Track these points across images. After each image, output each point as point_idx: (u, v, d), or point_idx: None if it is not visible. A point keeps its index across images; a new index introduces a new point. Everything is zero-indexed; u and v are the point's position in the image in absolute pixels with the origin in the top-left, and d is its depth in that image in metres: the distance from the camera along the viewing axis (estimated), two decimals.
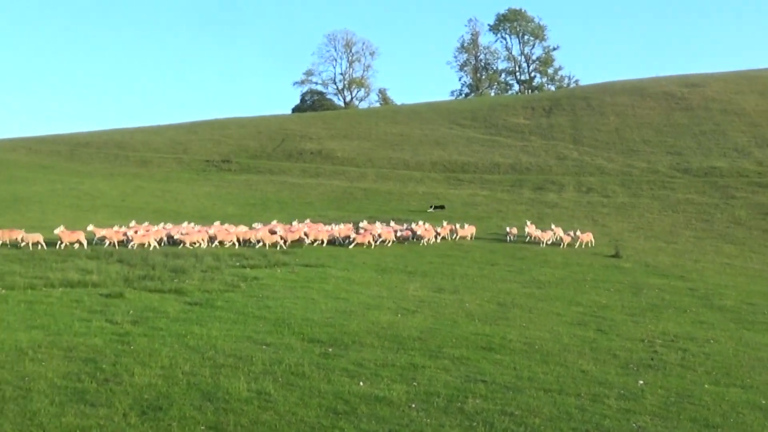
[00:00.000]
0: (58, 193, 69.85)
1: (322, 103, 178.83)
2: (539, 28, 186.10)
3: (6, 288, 27.02)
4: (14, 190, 70.78)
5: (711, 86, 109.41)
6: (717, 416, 16.46)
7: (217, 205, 68.32)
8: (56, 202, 64.19)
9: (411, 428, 14.13)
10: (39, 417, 13.67)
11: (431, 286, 33.43)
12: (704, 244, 56.05)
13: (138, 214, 58.56)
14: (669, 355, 22.69)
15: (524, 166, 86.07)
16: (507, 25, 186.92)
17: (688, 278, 41.70)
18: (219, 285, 29.60)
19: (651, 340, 24.95)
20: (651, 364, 21.26)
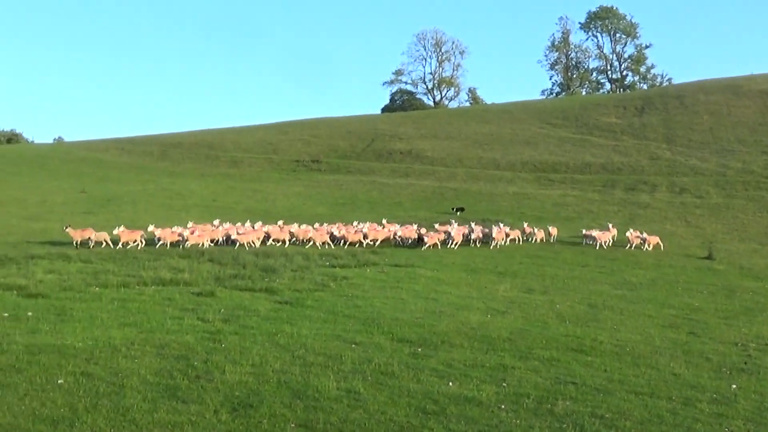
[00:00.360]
0: (150, 193, 70.71)
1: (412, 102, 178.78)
2: (631, 25, 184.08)
3: (100, 286, 27.45)
4: (107, 190, 71.84)
5: None
6: None
7: (307, 205, 68.60)
8: (148, 202, 64.99)
9: (500, 429, 14.08)
10: (132, 413, 13.86)
11: (521, 287, 33.31)
12: None
13: (229, 213, 59.04)
14: (763, 359, 22.25)
15: (616, 166, 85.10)
16: (598, 23, 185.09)
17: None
18: (309, 284, 29.79)
19: (745, 343, 24.46)
20: (744, 368, 20.86)
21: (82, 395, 14.67)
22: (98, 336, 19.62)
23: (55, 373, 16.02)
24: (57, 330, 20.23)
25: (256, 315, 23.51)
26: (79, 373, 16.07)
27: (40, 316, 21.90)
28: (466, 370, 18.23)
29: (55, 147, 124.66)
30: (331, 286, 29.84)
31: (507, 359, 19.71)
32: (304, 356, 18.58)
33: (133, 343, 18.94)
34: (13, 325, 20.71)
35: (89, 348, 18.27)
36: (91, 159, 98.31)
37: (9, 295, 25.04)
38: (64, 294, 25.75)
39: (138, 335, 19.95)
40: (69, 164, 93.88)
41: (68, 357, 17.33)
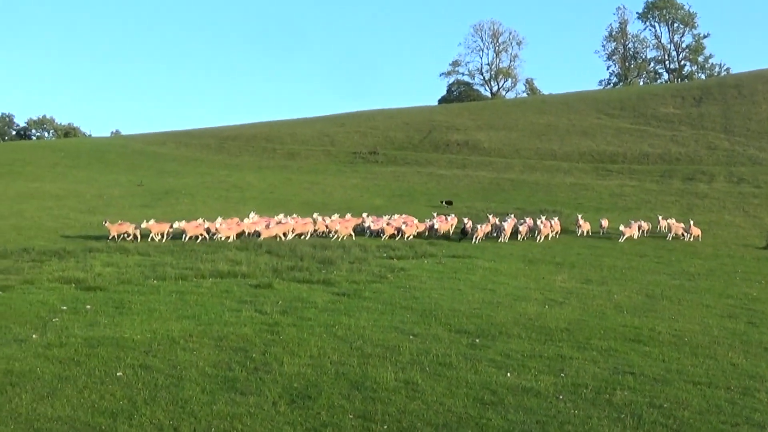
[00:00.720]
0: (208, 186, 71.08)
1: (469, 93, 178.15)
2: (689, 15, 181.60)
3: (158, 279, 27.66)
4: (165, 183, 72.34)
5: None
6: None
7: (364, 197, 68.70)
8: (206, 195, 65.36)
9: (558, 420, 14.04)
10: (190, 404, 13.94)
11: (579, 278, 33.21)
12: None
13: (286, 206, 59.23)
14: None
15: (674, 156, 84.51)
16: (656, 13, 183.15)
17: None
18: (366, 276, 29.85)
19: None
20: None
21: (140, 388, 14.78)
22: (156, 328, 19.76)
23: (113, 365, 16.16)
24: (115, 323, 20.41)
25: (314, 307, 23.59)
26: (138, 366, 16.20)
27: (99, 309, 22.10)
28: (524, 361, 18.19)
29: (112, 140, 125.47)
30: (389, 277, 29.88)
31: (565, 350, 19.66)
32: (362, 348, 18.62)
33: (192, 336, 19.06)
34: (71, 318, 20.91)
35: (148, 341, 18.42)
36: (148, 152, 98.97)
37: (68, 289, 25.30)
38: (123, 287, 25.98)
39: (196, 327, 20.07)
40: (126, 157, 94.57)
41: (127, 350, 17.48)
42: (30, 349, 17.24)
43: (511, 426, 13.59)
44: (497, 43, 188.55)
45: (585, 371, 17.57)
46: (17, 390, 14.37)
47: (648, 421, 14.16)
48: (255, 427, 12.99)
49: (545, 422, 13.86)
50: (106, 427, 12.72)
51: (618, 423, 14.00)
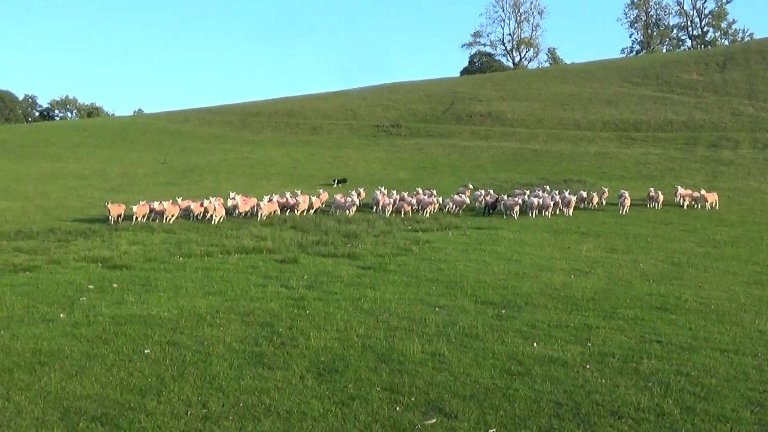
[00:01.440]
0: (231, 162, 71.32)
1: (491, 64, 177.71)
2: None
3: (184, 256, 27.80)
4: (188, 160, 72.64)
5: None
6: None
7: (387, 170, 68.84)
8: (229, 171, 65.60)
9: (586, 389, 14.03)
10: (218, 380, 14.01)
11: (604, 247, 33.19)
12: None
13: (310, 180, 59.60)
14: None
15: (698, 124, 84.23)
16: None
17: None
18: (391, 249, 29.92)
19: None
20: None
21: (168, 364, 14.85)
22: (183, 305, 19.85)
23: (141, 343, 16.24)
24: (142, 300, 20.51)
25: (340, 281, 23.66)
26: (165, 343, 16.28)
27: (126, 287, 22.21)
28: (551, 331, 18.19)
29: (135, 119, 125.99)
30: (414, 250, 29.94)
31: (591, 319, 19.65)
32: (388, 320, 18.65)
33: (218, 312, 19.14)
34: (98, 296, 21.02)
35: (174, 317, 18.49)
36: (171, 130, 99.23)
37: (94, 267, 25.43)
38: (149, 265, 26.11)
39: (222, 303, 20.16)
40: (149, 136, 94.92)
41: (154, 327, 17.56)
42: (58, 329, 17.33)
43: (538, 396, 13.60)
44: (519, 12, 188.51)
45: (612, 340, 17.56)
46: (46, 369, 14.46)
47: (675, 389, 14.14)
48: (283, 401, 13.04)
49: (572, 392, 13.86)
50: (135, 404, 12.80)
51: (645, 391, 13.99)
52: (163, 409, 12.62)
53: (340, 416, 12.52)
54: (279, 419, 12.32)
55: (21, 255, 27.76)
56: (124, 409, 12.61)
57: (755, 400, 13.73)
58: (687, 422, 12.61)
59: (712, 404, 13.45)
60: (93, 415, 12.35)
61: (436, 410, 12.84)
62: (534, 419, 12.58)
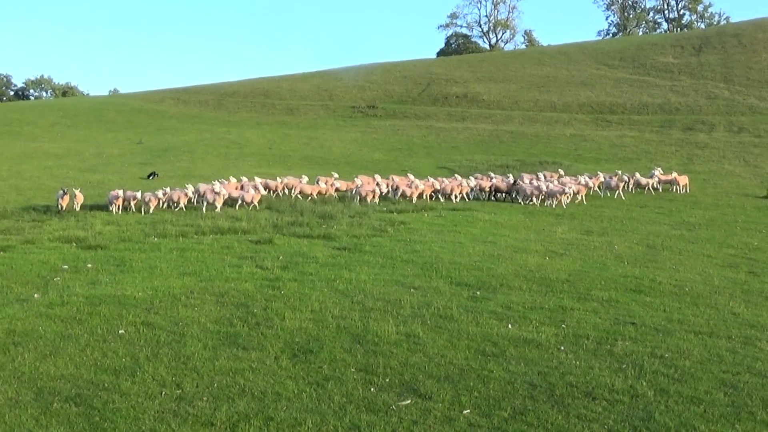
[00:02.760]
0: (207, 143, 71.04)
1: (467, 46, 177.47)
2: None
3: (158, 236, 27.75)
4: (164, 140, 72.37)
5: None
6: None
7: (363, 151, 68.82)
8: (205, 152, 65.36)
9: (560, 370, 14.10)
10: (193, 360, 14.01)
11: (579, 229, 33.36)
12: None
13: (285, 161, 59.51)
14: None
15: (673, 107, 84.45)
16: None
17: None
18: (367, 230, 29.91)
19: None
20: None
21: (143, 345, 14.86)
22: (158, 286, 19.83)
23: (115, 323, 16.24)
24: (117, 281, 20.48)
25: (315, 261, 23.67)
26: (140, 323, 16.28)
27: (100, 268, 22.18)
28: (525, 313, 18.27)
29: (111, 99, 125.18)
30: (389, 231, 29.94)
31: (566, 301, 19.74)
32: (363, 301, 18.69)
33: (193, 292, 19.14)
34: (73, 276, 21.00)
35: (149, 298, 18.48)
36: (146, 110, 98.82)
37: (68, 248, 25.36)
38: (123, 245, 26.06)
39: (197, 284, 20.15)
40: (125, 115, 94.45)
41: (128, 307, 17.54)
42: (32, 309, 17.29)
43: (512, 377, 13.65)
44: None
45: (586, 322, 17.65)
46: (20, 349, 14.44)
47: (649, 370, 14.22)
48: (257, 382, 13.06)
49: (547, 373, 13.93)
50: (109, 385, 12.79)
51: (619, 373, 14.07)
52: (138, 390, 12.63)
53: (315, 397, 12.55)
54: (253, 400, 12.34)
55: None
56: (98, 390, 12.60)
57: (729, 383, 13.83)
58: (661, 404, 12.69)
59: (685, 386, 13.54)
60: (67, 396, 12.34)
61: (410, 391, 12.89)
62: (508, 400, 12.63)
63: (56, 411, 11.80)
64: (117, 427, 11.30)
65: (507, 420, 11.90)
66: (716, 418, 12.23)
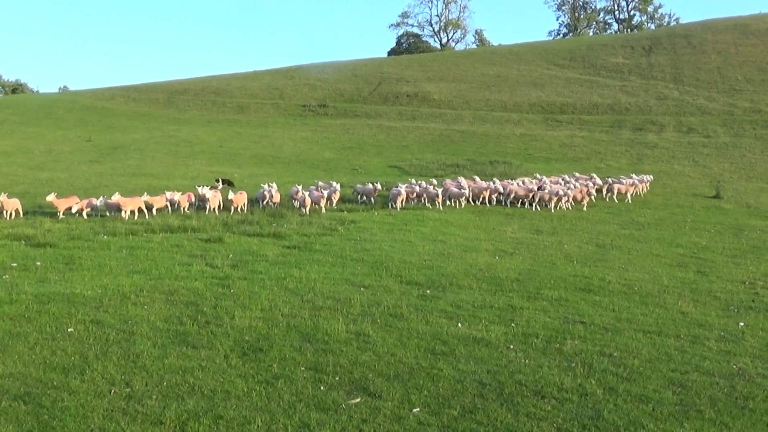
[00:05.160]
0: (157, 141, 70.79)
1: (418, 45, 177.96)
2: None
3: (108, 234, 27.52)
4: (113, 138, 71.96)
5: None
6: None
7: (314, 150, 68.80)
8: (155, 150, 65.11)
9: (509, 369, 14.13)
10: (142, 359, 13.93)
11: (529, 228, 33.49)
12: None
13: (236, 159, 59.44)
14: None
15: (623, 107, 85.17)
16: None
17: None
18: (317, 229, 29.85)
19: (752, 282, 24.64)
20: (752, 306, 20.96)
21: (92, 343, 14.74)
22: (107, 284, 19.69)
23: (64, 321, 16.10)
24: (66, 279, 20.31)
25: (265, 260, 23.62)
26: (89, 321, 16.14)
27: (49, 266, 21.97)
28: (475, 311, 18.30)
29: (60, 96, 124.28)
30: (339, 230, 29.91)
31: (515, 300, 19.80)
32: (313, 300, 18.67)
33: (142, 291, 19.02)
34: (21, 274, 20.79)
35: (98, 296, 18.34)
36: (96, 107, 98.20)
37: (17, 245, 25.09)
38: (72, 243, 25.80)
39: (147, 282, 20.02)
40: (74, 113, 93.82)
41: (78, 305, 17.40)
42: None
43: (462, 376, 13.68)
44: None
45: (535, 321, 17.71)
46: None
47: (598, 369, 14.30)
48: (207, 381, 13.01)
49: (496, 372, 13.95)
50: (58, 383, 12.69)
51: (569, 372, 14.13)
52: (87, 388, 12.53)
53: (265, 395, 12.52)
54: (203, 398, 12.30)
55: None
56: (47, 388, 12.50)
57: (677, 381, 13.93)
58: (609, 402, 12.76)
59: (634, 385, 13.63)
60: (16, 394, 12.23)
61: (360, 390, 12.88)
62: (458, 399, 12.66)
63: (4, 409, 11.69)
64: (66, 425, 11.22)
65: (456, 418, 11.93)
66: (665, 417, 12.31)
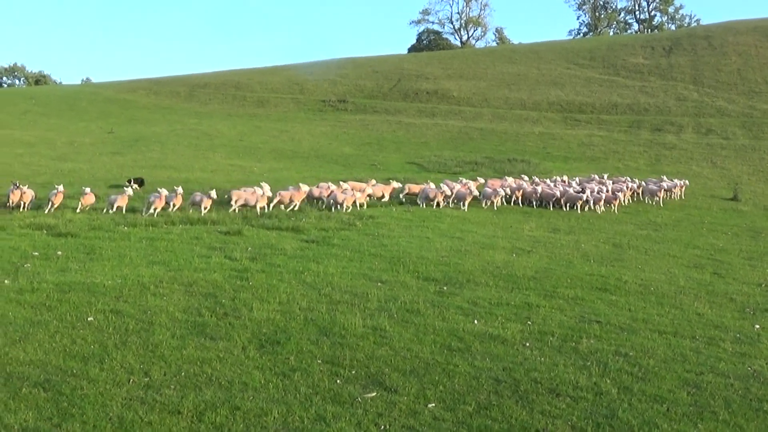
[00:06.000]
0: (178, 133, 70.75)
1: (439, 42, 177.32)
2: None
3: (128, 225, 27.60)
4: (135, 131, 71.99)
5: None
6: None
7: (333, 145, 68.66)
8: (176, 142, 65.13)
9: (525, 366, 14.14)
10: (161, 349, 13.98)
11: (547, 227, 33.43)
12: None
13: (256, 153, 59.48)
14: None
15: (642, 107, 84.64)
16: None
17: None
18: (335, 223, 29.84)
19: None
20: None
21: (111, 332, 14.82)
22: (127, 274, 19.76)
23: (85, 310, 16.18)
24: (86, 268, 20.38)
25: (283, 253, 23.64)
26: (109, 311, 16.22)
27: (70, 255, 22.07)
28: (491, 309, 18.30)
29: (83, 88, 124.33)
30: (357, 225, 29.89)
31: (532, 298, 19.78)
32: (331, 294, 18.70)
33: (162, 281, 19.08)
34: (43, 263, 20.88)
35: (118, 286, 18.42)
36: (118, 100, 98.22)
37: (39, 235, 25.20)
38: (93, 233, 25.88)
39: (166, 273, 20.08)
40: (97, 105, 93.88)
41: (98, 295, 17.49)
42: (2, 295, 17.21)
43: (477, 372, 13.69)
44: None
45: (551, 319, 17.69)
46: None
47: (614, 368, 14.29)
48: (224, 372, 13.05)
49: (512, 369, 13.96)
50: (78, 371, 12.75)
51: (584, 370, 14.13)
52: (106, 377, 12.60)
53: (281, 387, 12.56)
54: (220, 389, 12.34)
55: None
56: (66, 376, 12.57)
57: (692, 382, 13.92)
58: (624, 401, 12.76)
59: (649, 385, 13.62)
60: (36, 381, 12.30)
61: (376, 384, 12.91)
62: (473, 395, 12.67)
63: (25, 396, 11.77)
64: (85, 413, 11.28)
65: (471, 414, 11.94)
66: (679, 417, 12.31)
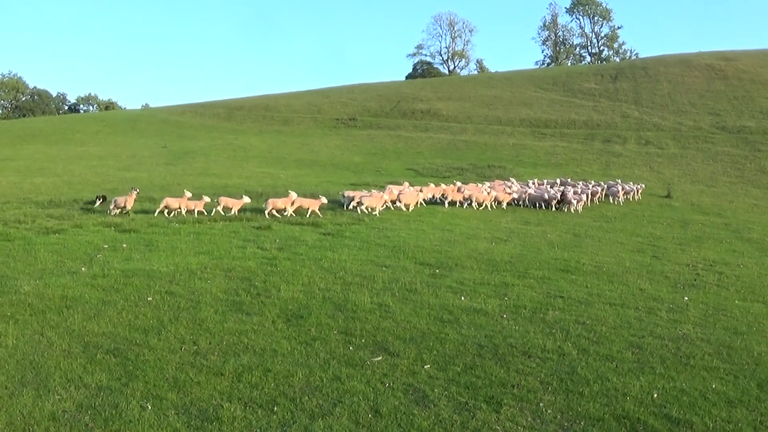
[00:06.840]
0: (218, 148, 70.85)
1: (431, 71, 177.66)
2: (606, 10, 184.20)
3: (179, 223, 27.57)
4: (184, 146, 72.15)
5: (742, 61, 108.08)
6: (744, 325, 16.41)
7: (345, 155, 68.76)
8: (217, 155, 65.21)
9: (503, 334, 14.18)
10: (206, 323, 14.00)
11: (520, 220, 33.56)
12: (737, 188, 57.08)
13: (282, 162, 59.64)
14: (708, 277, 22.77)
15: (595, 123, 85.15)
16: (580, 8, 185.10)
17: (724, 215, 42.82)
18: (347, 219, 29.79)
19: (694, 264, 25.11)
20: (694, 284, 21.32)
21: (166, 309, 14.83)
22: (178, 262, 19.75)
23: (145, 292, 16.19)
24: (146, 258, 20.38)
25: (305, 244, 23.58)
26: (164, 292, 16.23)
27: (133, 247, 22.05)
28: (475, 287, 18.31)
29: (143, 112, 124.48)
30: (365, 220, 29.81)
31: (508, 278, 19.80)
32: (344, 277, 18.67)
33: (206, 268, 19.07)
34: (111, 254, 20.88)
35: (171, 272, 18.42)
36: (170, 120, 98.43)
37: (108, 231, 25.18)
38: (151, 229, 25.86)
39: (210, 261, 20.06)
40: (153, 125, 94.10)
41: (155, 279, 17.49)
42: (80, 279, 17.23)
43: (464, 339, 13.71)
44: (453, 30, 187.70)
45: (524, 295, 17.71)
46: (70, 311, 14.41)
47: (574, 334, 14.34)
48: (258, 341, 13.08)
49: (492, 336, 13.99)
50: (140, 341, 12.79)
51: (550, 336, 14.17)
52: (162, 345, 12.64)
53: (305, 353, 12.57)
54: (255, 355, 12.36)
55: (52, 220, 27.43)
56: (131, 345, 12.62)
57: (635, 344, 14.02)
58: (582, 360, 12.81)
59: (602, 347, 13.68)
60: (107, 349, 12.36)
61: (381, 350, 12.92)
62: (461, 358, 12.70)
63: (99, 361, 11.81)
64: (146, 374, 11.32)
65: (459, 373, 11.97)
66: (625, 372, 12.37)
